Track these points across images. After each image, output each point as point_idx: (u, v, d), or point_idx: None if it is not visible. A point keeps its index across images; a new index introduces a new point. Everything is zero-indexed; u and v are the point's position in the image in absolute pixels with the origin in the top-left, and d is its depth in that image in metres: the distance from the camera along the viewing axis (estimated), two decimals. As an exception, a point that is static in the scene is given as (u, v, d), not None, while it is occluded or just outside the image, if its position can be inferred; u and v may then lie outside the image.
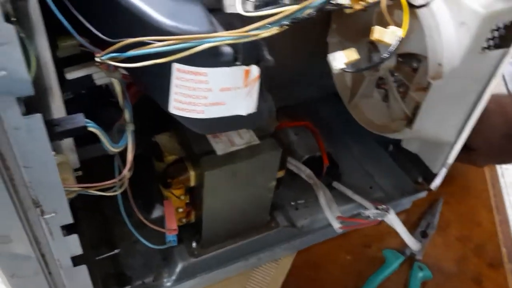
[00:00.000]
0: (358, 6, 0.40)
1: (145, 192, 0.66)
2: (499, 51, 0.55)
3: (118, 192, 0.46)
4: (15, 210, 0.37)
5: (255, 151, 0.58)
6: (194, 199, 0.61)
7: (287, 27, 0.37)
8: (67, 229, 0.43)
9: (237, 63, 0.39)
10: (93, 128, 0.41)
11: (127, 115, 0.48)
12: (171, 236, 0.57)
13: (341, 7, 0.39)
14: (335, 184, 0.75)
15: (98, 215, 0.70)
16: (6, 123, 0.31)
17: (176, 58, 0.36)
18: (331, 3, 0.39)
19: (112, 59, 0.37)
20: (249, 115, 0.44)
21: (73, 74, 0.49)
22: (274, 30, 0.37)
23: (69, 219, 0.41)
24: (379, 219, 0.68)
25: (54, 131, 0.39)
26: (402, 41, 0.60)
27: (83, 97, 0.52)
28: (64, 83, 0.49)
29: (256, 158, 0.58)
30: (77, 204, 0.50)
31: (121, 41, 0.36)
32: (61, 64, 0.48)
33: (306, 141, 0.76)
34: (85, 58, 0.48)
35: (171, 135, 0.61)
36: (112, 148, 0.45)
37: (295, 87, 0.80)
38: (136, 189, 0.66)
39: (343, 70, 0.41)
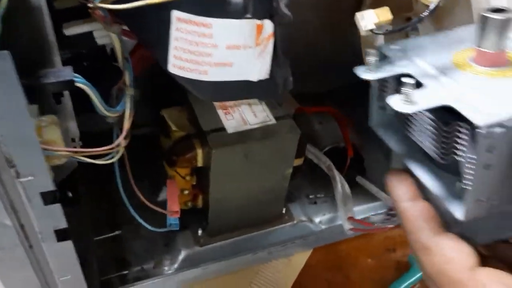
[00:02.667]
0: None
1: (151, 172, 0.62)
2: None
3: (112, 161, 0.41)
4: (-15, 167, 0.33)
5: (270, 132, 0.52)
6: (201, 182, 0.56)
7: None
8: (64, 203, 0.39)
9: (248, 15, 0.34)
10: (81, 84, 0.36)
11: (127, 77, 0.43)
12: (173, 219, 0.52)
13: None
14: (359, 179, 0.68)
15: (103, 194, 0.65)
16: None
17: None
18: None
19: (103, 1, 0.32)
20: (260, 82, 0.38)
21: (71, 30, 0.44)
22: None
23: (49, 186, 0.36)
24: (389, 226, 0.55)
25: (38, 82, 0.35)
26: (445, 16, 0.53)
27: (83, 57, 0.47)
28: (62, 40, 0.44)
29: (270, 139, 0.52)
30: (79, 179, 0.46)
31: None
32: (59, 17, 0.44)
33: (330, 131, 0.70)
34: (86, 13, 0.43)
35: (181, 109, 0.56)
36: (105, 112, 0.40)
37: (326, 72, 0.74)
38: (142, 168, 0.61)
39: (372, 31, 0.34)
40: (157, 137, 0.61)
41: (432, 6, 0.33)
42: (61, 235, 0.41)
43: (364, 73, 0.32)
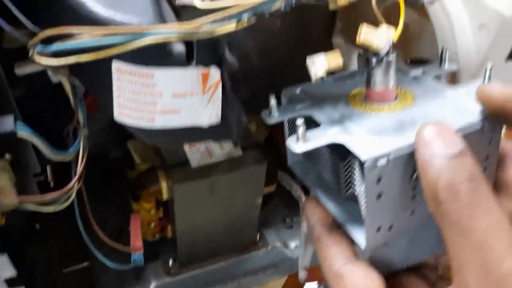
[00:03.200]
0: (342, 2, 0.32)
1: (120, 200, 0.60)
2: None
3: (58, 209, 0.40)
4: None
5: (237, 164, 0.51)
6: (168, 213, 0.55)
7: (250, 22, 0.29)
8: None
9: (192, 63, 0.33)
10: (24, 133, 0.35)
11: (80, 117, 0.41)
12: (137, 255, 0.50)
13: (320, 3, 0.32)
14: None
15: (72, 225, 0.64)
16: None
17: (109, 55, 0.29)
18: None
19: (39, 53, 0.31)
20: (213, 126, 0.37)
21: (23, 69, 0.43)
22: (232, 25, 0.30)
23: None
24: None
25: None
26: (411, 45, 0.52)
27: (38, 94, 0.46)
28: (14, 79, 0.43)
29: (237, 172, 0.51)
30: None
31: (46, 31, 0.30)
32: (10, 57, 0.42)
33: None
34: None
35: (146, 140, 0.55)
36: (55, 157, 0.39)
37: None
38: (111, 197, 0.60)
39: (323, 79, 0.33)
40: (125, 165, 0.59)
41: (380, 55, 0.31)
42: (12, 283, 0.40)
43: (266, 117, 0.34)
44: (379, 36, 0.32)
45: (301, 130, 0.29)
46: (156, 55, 0.32)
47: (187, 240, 0.56)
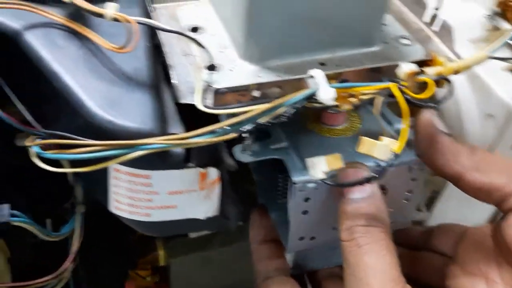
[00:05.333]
0: (347, 106, 0.32)
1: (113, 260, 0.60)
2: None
3: (52, 291, 0.39)
4: None
5: (234, 237, 0.50)
6: (165, 279, 0.54)
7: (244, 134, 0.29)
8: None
9: (190, 164, 0.32)
10: (20, 222, 0.35)
11: (78, 194, 0.41)
12: (131, 324, 0.50)
13: (324, 106, 0.31)
14: None
15: None
16: None
17: (106, 166, 0.29)
18: (313, 100, 0.31)
19: (37, 156, 0.31)
20: (210, 218, 0.36)
21: (24, 141, 0.42)
22: (231, 135, 0.29)
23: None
24: None
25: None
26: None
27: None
28: (16, 149, 0.43)
29: (234, 245, 0.50)
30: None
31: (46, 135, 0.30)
32: (12, 129, 0.42)
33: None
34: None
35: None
36: (48, 238, 0.38)
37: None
38: (105, 255, 0.59)
39: (323, 181, 0.32)
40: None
41: (380, 168, 0.31)
42: None
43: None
44: (379, 149, 0.31)
45: (248, 142, 0.32)
46: (153, 158, 0.31)
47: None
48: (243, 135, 0.31)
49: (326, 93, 0.30)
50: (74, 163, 0.31)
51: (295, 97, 0.29)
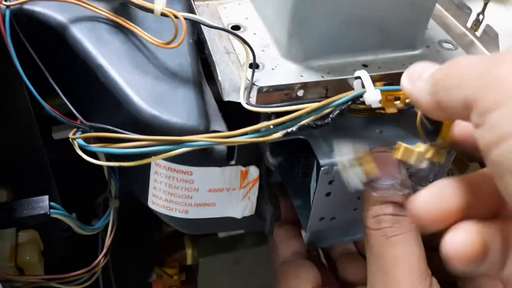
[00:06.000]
0: (392, 109, 0.31)
1: (140, 256, 0.60)
2: None
3: (86, 284, 0.39)
4: None
5: (263, 238, 0.50)
6: (192, 277, 0.54)
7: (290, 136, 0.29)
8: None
9: (231, 162, 0.32)
10: (58, 214, 0.35)
11: (112, 188, 0.41)
12: (156, 322, 0.49)
13: (368, 107, 0.31)
14: None
15: None
16: None
17: (149, 161, 0.29)
18: (359, 101, 0.31)
19: (81, 148, 0.31)
20: (246, 218, 0.36)
21: (60, 134, 0.43)
22: (277, 135, 0.29)
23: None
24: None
25: (11, 218, 0.33)
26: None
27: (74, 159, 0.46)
28: (50, 143, 0.43)
29: (263, 246, 0.50)
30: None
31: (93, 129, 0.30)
32: (48, 122, 0.42)
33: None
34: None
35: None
36: (83, 232, 0.38)
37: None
38: (132, 251, 0.59)
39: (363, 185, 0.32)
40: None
41: (411, 170, 0.30)
42: None
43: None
44: (416, 156, 0.30)
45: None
46: (195, 155, 0.31)
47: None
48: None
49: (373, 95, 0.29)
50: (116, 157, 0.31)
51: (343, 97, 0.29)
